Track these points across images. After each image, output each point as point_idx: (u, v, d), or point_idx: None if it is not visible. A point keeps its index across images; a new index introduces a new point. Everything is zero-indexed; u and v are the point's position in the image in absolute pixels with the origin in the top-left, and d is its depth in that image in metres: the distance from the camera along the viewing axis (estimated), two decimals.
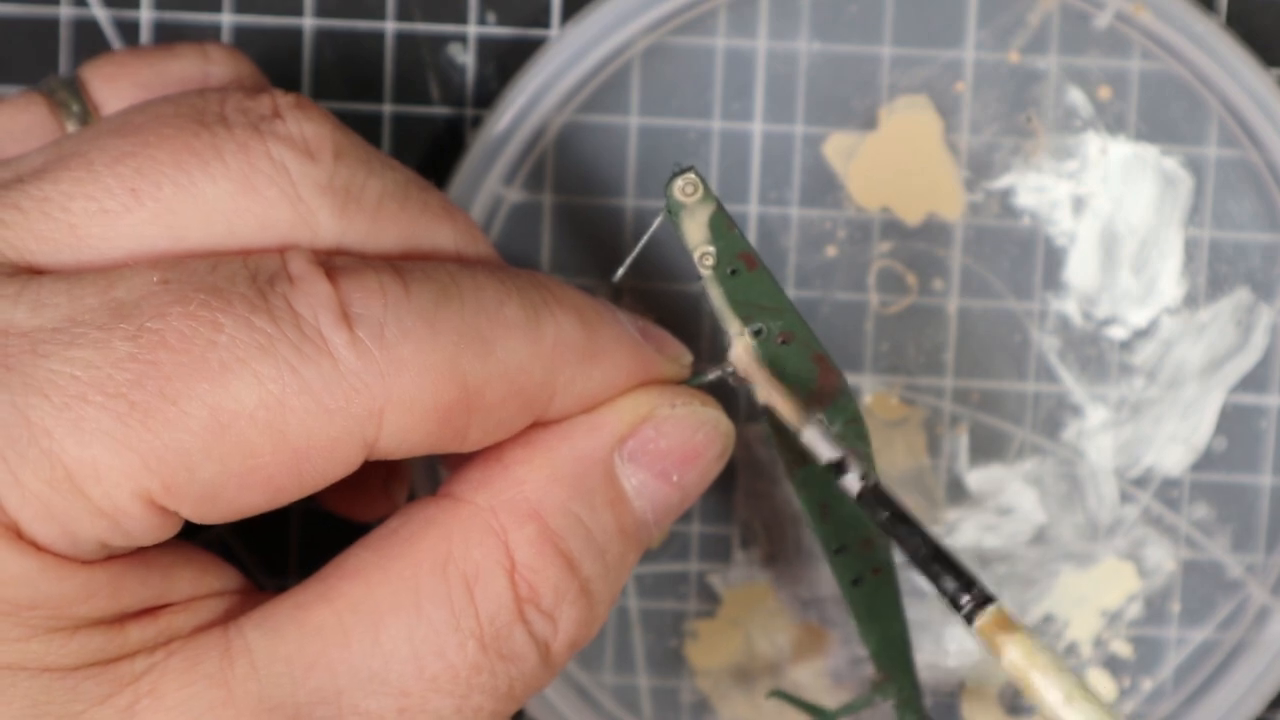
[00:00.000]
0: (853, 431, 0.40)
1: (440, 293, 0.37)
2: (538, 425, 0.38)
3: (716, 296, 0.38)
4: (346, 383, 0.35)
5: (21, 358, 0.34)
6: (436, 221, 0.39)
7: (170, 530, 0.36)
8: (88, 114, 0.41)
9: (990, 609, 0.37)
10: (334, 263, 0.37)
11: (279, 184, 0.37)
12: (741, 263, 0.38)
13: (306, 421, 0.35)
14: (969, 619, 0.37)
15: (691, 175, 0.37)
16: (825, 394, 0.39)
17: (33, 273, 0.36)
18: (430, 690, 0.37)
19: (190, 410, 0.34)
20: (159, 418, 0.34)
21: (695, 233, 0.38)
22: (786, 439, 0.40)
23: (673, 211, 0.37)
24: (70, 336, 0.35)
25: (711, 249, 0.38)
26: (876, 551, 0.42)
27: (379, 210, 0.38)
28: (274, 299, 0.35)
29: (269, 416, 0.35)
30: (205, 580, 0.37)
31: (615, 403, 0.39)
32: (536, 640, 0.37)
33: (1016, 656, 0.36)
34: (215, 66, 0.42)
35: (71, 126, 0.41)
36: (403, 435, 0.36)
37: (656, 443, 0.39)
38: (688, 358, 0.40)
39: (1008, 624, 0.37)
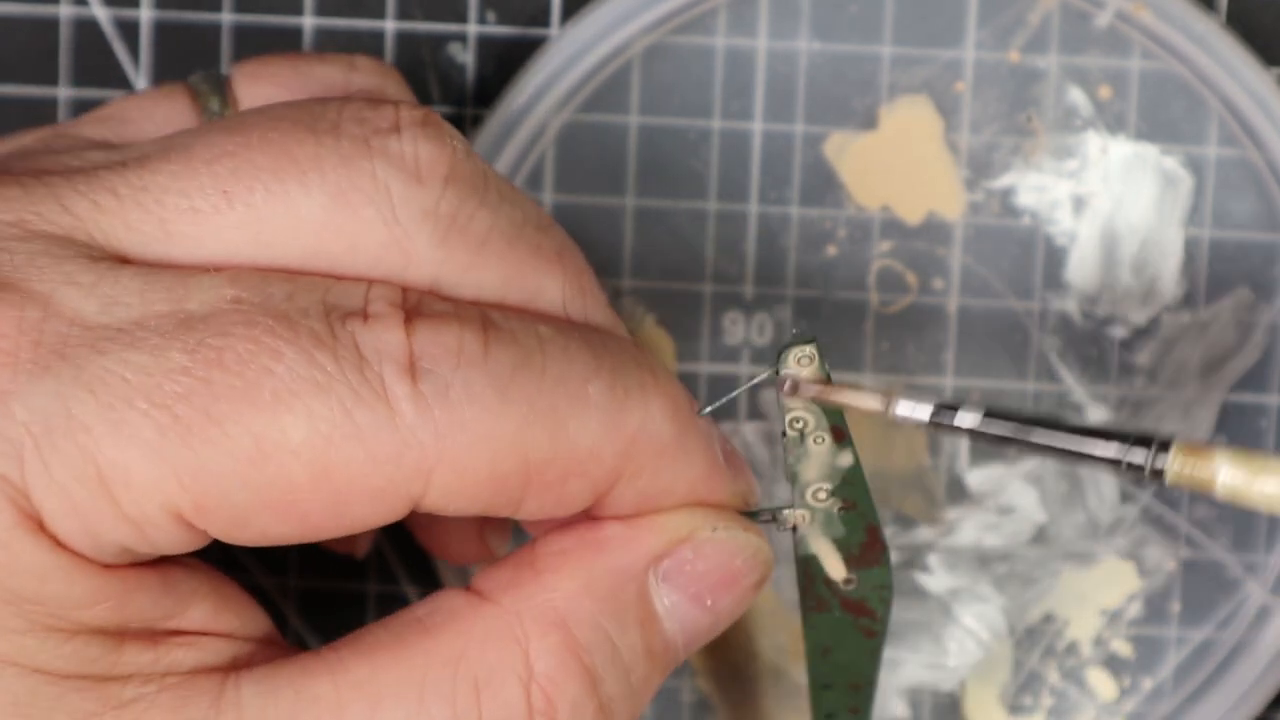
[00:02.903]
0: (876, 596, 0.39)
1: (523, 358, 0.35)
2: (581, 522, 0.37)
3: (795, 457, 0.37)
4: (399, 435, 0.34)
5: (79, 350, 0.33)
6: (546, 267, 0.37)
7: (197, 544, 0.35)
8: (226, 109, 0.40)
9: (1174, 448, 0.32)
10: (421, 307, 0.35)
11: (377, 204, 0.35)
12: (829, 434, 0.37)
13: (351, 467, 0.34)
14: (1159, 473, 0.32)
15: (810, 349, 0.36)
16: (867, 560, 0.39)
17: (116, 260, 0.35)
18: None
19: (233, 434, 0.33)
20: (200, 436, 0.33)
21: (797, 400, 0.37)
22: (813, 586, 0.39)
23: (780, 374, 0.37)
24: (131, 339, 0.34)
25: (808, 416, 0.37)
26: (859, 695, 0.42)
27: (484, 245, 0.36)
28: (342, 337, 0.34)
29: (313, 455, 0.33)
30: (222, 617, 0.36)
31: (656, 518, 0.37)
32: None
33: (1230, 476, 0.32)
34: (359, 76, 0.41)
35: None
36: (451, 497, 0.34)
37: (694, 565, 0.37)
38: (754, 497, 0.38)
39: (1199, 451, 0.32)
